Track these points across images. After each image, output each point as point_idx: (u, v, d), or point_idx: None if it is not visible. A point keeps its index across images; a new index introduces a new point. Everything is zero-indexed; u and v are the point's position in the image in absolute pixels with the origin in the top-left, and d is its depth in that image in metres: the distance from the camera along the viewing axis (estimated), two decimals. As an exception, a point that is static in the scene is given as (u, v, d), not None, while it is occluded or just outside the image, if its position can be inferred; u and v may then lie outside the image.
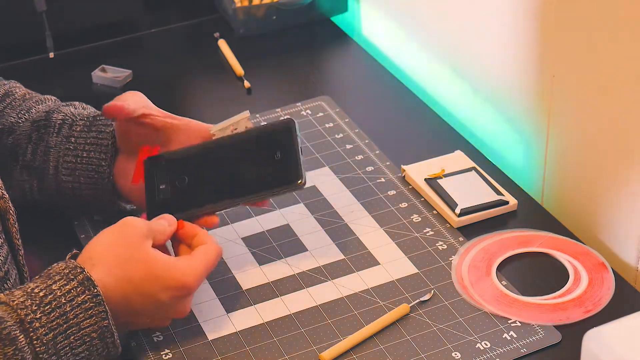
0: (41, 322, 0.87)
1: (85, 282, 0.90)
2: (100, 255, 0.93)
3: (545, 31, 1.13)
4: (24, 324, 0.87)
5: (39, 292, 0.89)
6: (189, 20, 1.56)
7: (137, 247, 0.94)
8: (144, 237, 0.95)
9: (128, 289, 0.92)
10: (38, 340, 0.87)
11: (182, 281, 0.94)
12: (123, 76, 1.41)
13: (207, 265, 0.97)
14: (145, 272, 0.93)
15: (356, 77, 1.44)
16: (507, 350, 0.96)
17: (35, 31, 1.44)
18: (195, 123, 1.10)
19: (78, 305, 0.89)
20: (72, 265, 0.91)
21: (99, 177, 1.09)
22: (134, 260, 0.93)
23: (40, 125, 1.11)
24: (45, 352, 0.87)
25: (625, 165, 1.05)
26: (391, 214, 1.14)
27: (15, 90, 1.16)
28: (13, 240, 0.95)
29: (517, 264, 1.07)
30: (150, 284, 0.93)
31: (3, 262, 0.93)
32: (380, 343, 0.98)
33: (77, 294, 0.89)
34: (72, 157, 1.09)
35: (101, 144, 1.09)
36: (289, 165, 1.03)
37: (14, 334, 0.86)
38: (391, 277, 1.06)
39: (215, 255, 0.98)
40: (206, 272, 0.97)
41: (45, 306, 0.88)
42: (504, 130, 1.26)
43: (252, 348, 0.98)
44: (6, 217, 0.94)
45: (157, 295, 0.93)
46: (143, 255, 0.94)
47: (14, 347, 0.85)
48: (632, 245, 1.06)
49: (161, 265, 0.94)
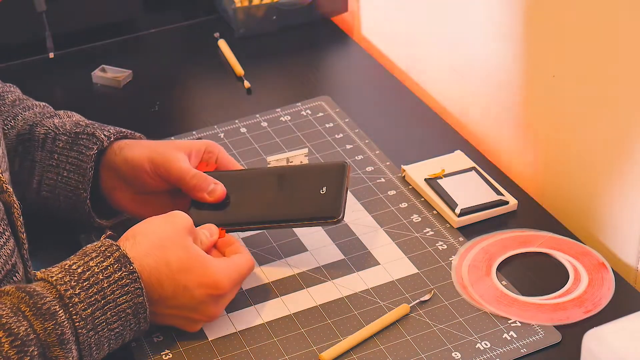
0: (80, 297, 0.89)
1: (122, 260, 0.92)
2: (143, 234, 0.96)
3: (545, 31, 1.13)
4: (63, 299, 0.89)
5: (77, 269, 0.91)
6: (189, 20, 1.56)
7: (180, 235, 0.96)
8: (189, 230, 0.97)
9: (164, 272, 0.94)
10: (77, 316, 0.89)
11: (215, 279, 0.95)
12: (123, 76, 1.41)
13: (240, 273, 0.98)
14: (183, 261, 0.94)
15: (356, 77, 1.44)
16: (507, 350, 0.96)
17: (35, 31, 1.44)
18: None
19: (115, 281, 0.91)
20: (107, 243, 0.93)
21: (77, 200, 1.09)
22: (175, 246, 0.95)
23: (25, 138, 1.11)
24: (84, 327, 0.89)
25: (626, 165, 1.05)
26: (391, 214, 1.14)
27: (7, 95, 1.16)
28: (18, 234, 0.96)
29: (517, 264, 1.07)
30: (185, 275, 0.94)
31: (10, 255, 0.93)
32: (380, 343, 0.98)
33: (114, 271, 0.91)
34: (54, 174, 1.09)
35: (81, 166, 1.08)
36: (332, 201, 1.04)
37: (53, 308, 0.87)
38: (391, 277, 1.06)
39: (248, 266, 0.99)
40: (239, 279, 0.98)
41: (83, 282, 0.90)
42: (504, 130, 1.26)
43: (252, 348, 0.98)
44: (11, 211, 0.94)
45: (189, 289, 0.94)
46: (184, 244, 0.96)
47: (54, 321, 0.87)
48: (632, 245, 1.06)
49: (199, 259, 0.95)
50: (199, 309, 0.96)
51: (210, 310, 0.97)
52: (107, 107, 1.37)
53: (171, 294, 0.94)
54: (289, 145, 1.26)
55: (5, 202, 0.94)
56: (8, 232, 0.94)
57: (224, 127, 1.30)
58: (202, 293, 0.95)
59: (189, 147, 1.09)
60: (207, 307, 0.96)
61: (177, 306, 0.96)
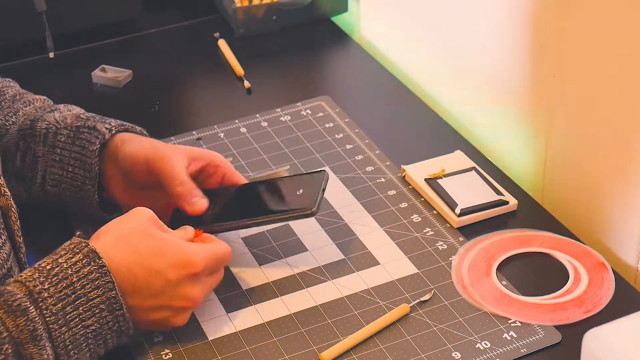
0: (49, 292, 0.89)
1: (90, 255, 0.92)
2: (106, 230, 0.96)
3: (545, 31, 1.13)
4: (32, 294, 0.89)
5: (46, 266, 0.91)
6: (189, 20, 1.56)
7: (144, 225, 0.96)
8: (152, 220, 0.97)
9: (133, 261, 0.93)
10: (47, 310, 0.88)
11: (185, 257, 0.95)
12: (123, 76, 1.41)
13: (215, 253, 0.97)
14: (151, 246, 0.94)
15: (356, 77, 1.44)
16: (507, 350, 0.96)
17: (35, 31, 1.44)
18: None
19: (84, 276, 0.91)
20: (76, 241, 0.94)
21: (84, 195, 1.09)
22: (139, 234, 0.95)
23: (26, 134, 1.11)
24: (56, 323, 0.89)
25: (626, 165, 1.05)
26: (391, 214, 1.14)
27: (7, 90, 1.16)
28: (15, 238, 0.96)
29: (517, 264, 1.07)
30: (156, 259, 0.94)
31: (5, 260, 0.93)
32: (380, 343, 0.98)
33: (83, 266, 0.91)
34: (58, 169, 1.09)
35: (86, 161, 1.08)
36: (307, 197, 1.05)
37: (24, 305, 0.87)
38: (391, 277, 1.06)
39: (223, 249, 0.99)
40: (213, 259, 0.97)
41: (52, 277, 0.90)
42: (504, 130, 1.26)
43: (252, 348, 0.98)
44: (8, 214, 0.94)
45: (162, 272, 0.94)
46: (150, 232, 0.96)
47: (26, 317, 0.87)
48: (632, 245, 1.06)
49: (167, 242, 0.95)
50: (177, 293, 0.95)
51: (188, 292, 0.95)
52: (107, 107, 1.36)
53: (144, 282, 0.93)
54: (289, 145, 1.26)
55: (2, 206, 0.94)
56: (4, 236, 0.94)
57: (224, 127, 1.30)
58: (176, 274, 0.94)
59: (191, 154, 1.09)
60: (185, 290, 0.95)
61: (154, 294, 0.94)
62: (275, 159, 1.24)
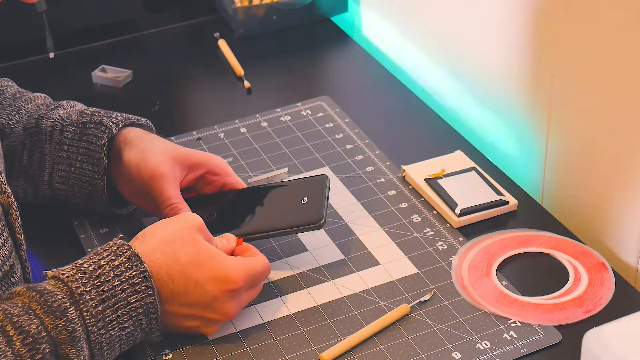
0: (91, 294, 0.89)
1: (133, 258, 0.92)
2: (151, 232, 0.96)
3: (545, 31, 1.13)
4: (74, 296, 0.89)
5: (88, 267, 0.91)
6: (189, 20, 1.56)
7: (189, 233, 0.96)
8: (198, 229, 0.97)
9: (174, 267, 0.94)
10: (88, 313, 0.89)
11: (227, 273, 0.95)
12: (123, 76, 1.41)
13: (254, 269, 0.97)
14: (193, 256, 0.94)
15: (356, 77, 1.44)
16: (507, 350, 0.96)
17: (35, 31, 1.44)
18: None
19: (126, 280, 0.91)
20: (119, 243, 0.94)
21: (93, 190, 1.09)
22: (183, 241, 0.95)
23: (32, 132, 1.11)
24: (95, 325, 0.89)
25: (625, 165, 1.05)
26: (391, 214, 1.14)
27: (6, 89, 1.16)
28: (16, 235, 0.96)
29: (517, 264, 1.07)
30: (197, 270, 0.94)
31: (8, 256, 0.93)
32: (380, 343, 0.98)
33: (125, 269, 0.92)
34: (65, 165, 1.09)
35: (94, 156, 1.09)
36: (314, 208, 1.05)
37: (64, 306, 0.88)
38: (391, 277, 1.06)
39: (262, 266, 0.99)
40: (253, 276, 0.97)
41: (94, 280, 0.90)
42: (504, 130, 1.26)
43: (252, 348, 0.98)
44: (9, 212, 0.95)
45: (201, 284, 0.94)
46: (194, 240, 0.95)
47: (65, 318, 0.87)
48: (632, 245, 1.06)
49: (210, 254, 0.95)
50: (213, 306, 0.95)
51: (225, 307, 0.96)
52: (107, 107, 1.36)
53: (183, 290, 0.94)
54: (289, 145, 1.26)
55: (3, 203, 0.94)
56: (6, 234, 0.94)
57: (224, 127, 1.30)
58: (215, 288, 0.94)
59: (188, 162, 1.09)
60: (221, 304, 0.96)
61: (190, 304, 0.95)
62: (275, 159, 1.24)
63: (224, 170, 1.11)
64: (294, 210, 1.06)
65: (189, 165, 1.09)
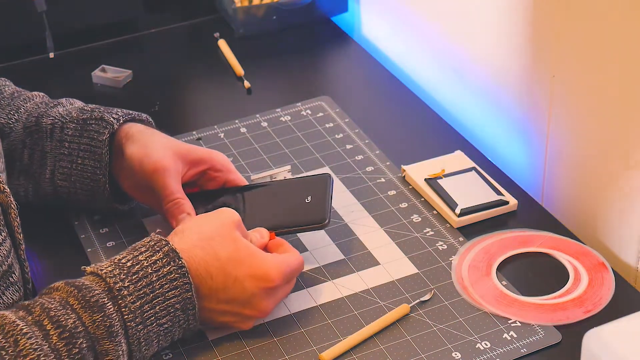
0: (129, 290, 0.90)
1: (171, 254, 0.92)
2: (191, 229, 0.96)
3: (545, 31, 1.13)
4: (112, 291, 0.89)
5: (126, 262, 0.91)
6: (189, 20, 1.56)
7: (228, 229, 0.96)
8: (236, 225, 0.97)
9: (213, 264, 0.94)
10: (126, 308, 0.89)
11: (266, 271, 0.95)
12: (123, 76, 1.41)
13: (291, 267, 0.98)
14: (232, 253, 0.95)
15: (356, 77, 1.44)
16: (507, 350, 0.96)
17: (35, 31, 1.44)
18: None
19: (164, 275, 0.91)
20: (157, 238, 0.94)
21: (95, 185, 1.09)
22: (223, 239, 0.95)
23: (32, 130, 1.11)
24: (133, 320, 0.89)
25: (625, 165, 1.05)
26: (391, 214, 1.14)
27: (4, 89, 1.16)
28: (15, 235, 0.96)
29: (517, 264, 1.07)
30: (235, 266, 0.94)
31: (6, 256, 0.93)
32: (380, 343, 0.98)
33: (163, 265, 0.92)
34: (67, 162, 1.09)
35: (95, 151, 1.09)
36: (318, 207, 1.05)
37: (102, 301, 0.88)
38: (391, 277, 1.06)
39: (298, 263, 0.99)
40: (290, 274, 0.98)
41: (132, 275, 0.91)
42: (504, 130, 1.26)
43: (252, 348, 0.98)
44: (8, 211, 0.95)
45: (240, 280, 0.94)
46: (233, 237, 0.96)
47: (103, 313, 0.87)
48: (632, 245, 1.06)
49: (249, 251, 0.96)
50: (250, 303, 0.96)
51: (262, 304, 0.96)
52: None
53: (222, 286, 0.94)
54: (289, 145, 1.26)
55: (2, 202, 0.94)
56: (4, 233, 0.94)
57: (224, 127, 1.30)
58: (253, 285, 0.95)
59: (191, 158, 1.09)
60: (259, 301, 0.96)
61: (228, 300, 0.95)
62: (276, 159, 1.24)
63: (226, 167, 1.11)
64: (298, 208, 1.06)
65: (191, 160, 1.09)
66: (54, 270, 1.10)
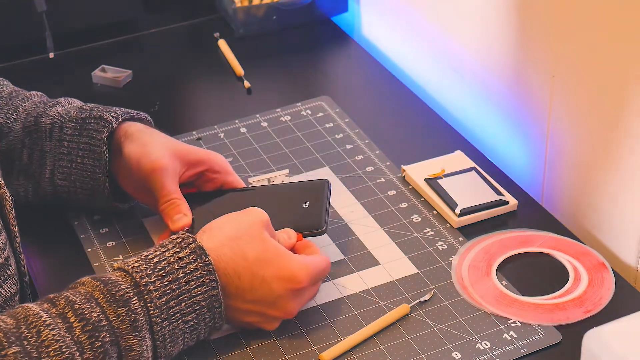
0: (155, 285, 0.90)
1: (197, 251, 0.92)
2: (219, 228, 0.96)
3: (545, 31, 1.13)
4: (138, 286, 0.89)
5: (153, 258, 0.92)
6: (189, 20, 1.56)
7: (256, 229, 0.96)
8: (265, 225, 0.97)
9: (241, 264, 0.94)
10: (152, 304, 0.89)
11: (294, 272, 0.95)
12: (123, 76, 1.41)
13: (319, 269, 0.98)
14: (260, 253, 0.95)
15: (356, 77, 1.44)
16: (507, 350, 0.96)
17: (35, 31, 1.44)
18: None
19: (190, 272, 0.92)
20: (184, 235, 0.94)
21: (95, 184, 1.09)
22: (251, 238, 0.95)
23: (31, 130, 1.11)
24: (158, 316, 0.89)
25: (625, 165, 1.05)
26: (391, 214, 1.14)
27: (2, 89, 1.16)
28: (10, 227, 0.96)
29: (517, 264, 1.07)
30: (263, 267, 0.94)
31: (2, 249, 0.93)
32: (380, 343, 0.98)
33: (190, 262, 0.92)
34: (66, 161, 1.09)
35: (94, 150, 1.09)
36: (315, 213, 1.06)
37: (127, 295, 0.88)
38: (391, 277, 1.06)
39: (326, 265, 0.99)
40: (317, 275, 0.98)
41: (159, 271, 0.91)
42: (504, 130, 1.26)
43: (252, 348, 0.98)
44: (3, 203, 0.94)
45: (267, 281, 0.94)
46: (261, 237, 0.96)
47: (127, 308, 0.87)
48: (632, 245, 1.06)
49: (277, 252, 0.95)
50: (277, 304, 0.96)
51: (289, 305, 0.96)
52: (107, 107, 1.37)
53: (249, 286, 0.94)
54: (289, 145, 1.26)
55: None
56: (0, 225, 0.94)
57: (224, 127, 1.30)
58: (281, 287, 0.95)
59: (188, 159, 1.09)
60: (286, 303, 0.96)
61: (255, 300, 0.95)
62: (276, 159, 1.24)
63: (225, 168, 1.11)
64: (294, 214, 1.06)
65: (189, 161, 1.09)
66: (54, 270, 1.10)
